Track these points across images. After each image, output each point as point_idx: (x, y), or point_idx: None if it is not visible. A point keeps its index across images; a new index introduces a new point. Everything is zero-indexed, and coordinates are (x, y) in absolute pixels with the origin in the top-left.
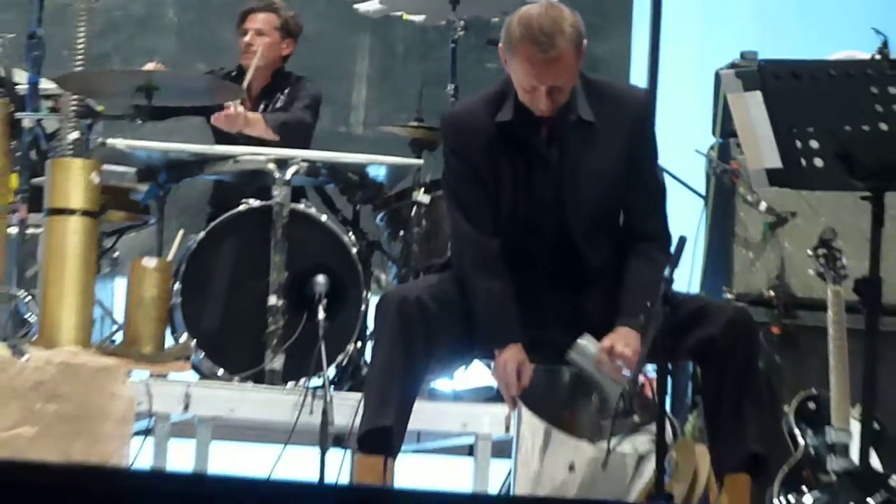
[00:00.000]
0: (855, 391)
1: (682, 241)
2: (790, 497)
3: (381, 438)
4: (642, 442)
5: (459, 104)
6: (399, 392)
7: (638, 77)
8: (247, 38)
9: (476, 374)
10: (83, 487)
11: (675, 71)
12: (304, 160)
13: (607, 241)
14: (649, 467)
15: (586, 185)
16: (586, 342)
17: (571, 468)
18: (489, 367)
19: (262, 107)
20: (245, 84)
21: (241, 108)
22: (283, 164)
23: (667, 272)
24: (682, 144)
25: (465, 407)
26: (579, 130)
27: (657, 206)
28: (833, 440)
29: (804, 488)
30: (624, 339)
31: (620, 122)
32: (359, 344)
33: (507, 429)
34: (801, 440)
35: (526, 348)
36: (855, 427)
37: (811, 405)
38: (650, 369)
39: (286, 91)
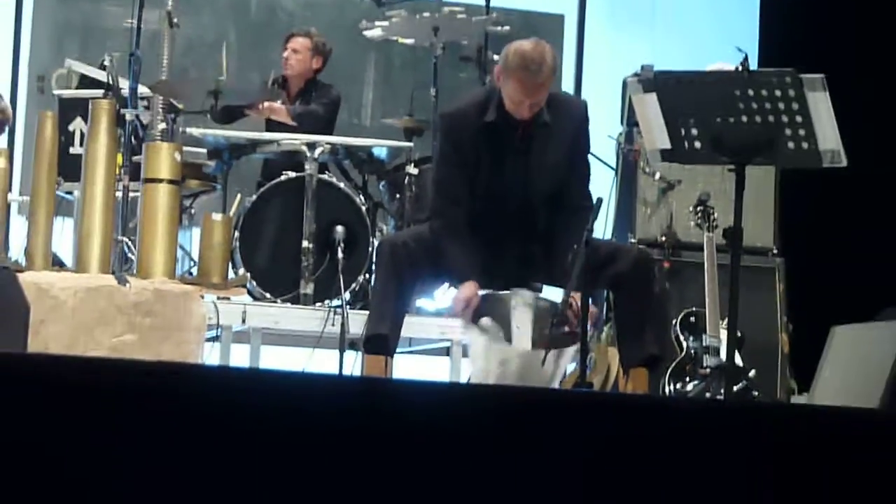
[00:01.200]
0: (723, 308)
1: (599, 201)
2: (677, 385)
3: (379, 342)
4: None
5: (453, 105)
6: (392, 308)
7: (567, 82)
8: (286, 55)
9: (450, 295)
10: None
11: (593, 78)
12: (327, 144)
13: (553, 209)
14: (564, 360)
15: (545, 170)
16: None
17: (503, 364)
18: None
19: (297, 104)
20: (269, 83)
21: (270, 103)
22: (312, 146)
23: (588, 224)
24: (599, 131)
25: (443, 320)
26: (542, 130)
27: (586, 182)
28: (707, 344)
29: (687, 379)
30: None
31: (568, 124)
32: (367, 275)
33: None
34: (684, 344)
35: (488, 277)
36: (723, 334)
37: (692, 318)
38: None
39: (314, 93)
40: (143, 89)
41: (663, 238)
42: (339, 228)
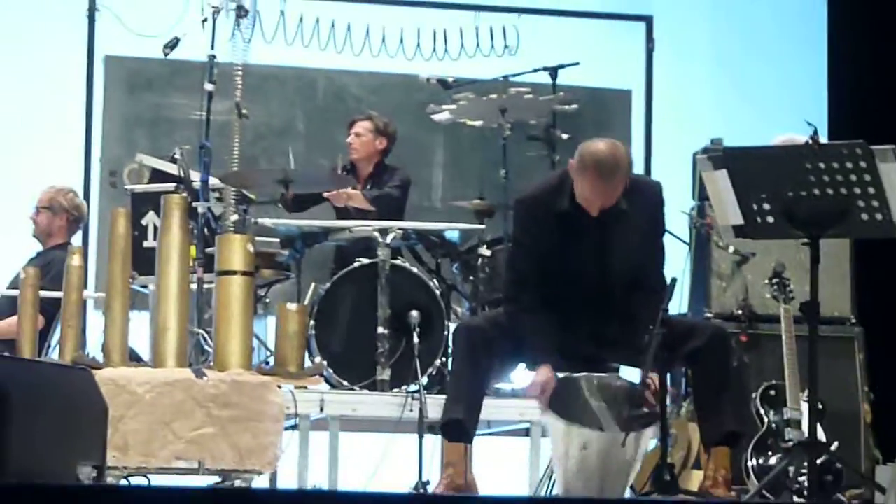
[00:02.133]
0: (803, 380)
1: (674, 281)
2: (759, 460)
3: (457, 428)
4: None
5: (528, 190)
6: (469, 393)
7: (637, 158)
8: (350, 140)
9: (529, 377)
10: None
11: (662, 152)
12: (399, 229)
13: (629, 290)
14: (645, 441)
15: (622, 255)
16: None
17: (584, 447)
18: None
19: (368, 187)
20: (339, 169)
21: (346, 189)
22: (384, 232)
23: (663, 304)
24: (671, 206)
25: (522, 401)
26: (617, 216)
27: (662, 263)
28: (788, 417)
29: (769, 453)
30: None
31: (644, 209)
32: (444, 359)
33: None
34: (765, 417)
35: (565, 359)
36: (804, 407)
37: (772, 392)
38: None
39: (384, 176)
40: (213, 180)
41: (739, 311)
42: (414, 313)
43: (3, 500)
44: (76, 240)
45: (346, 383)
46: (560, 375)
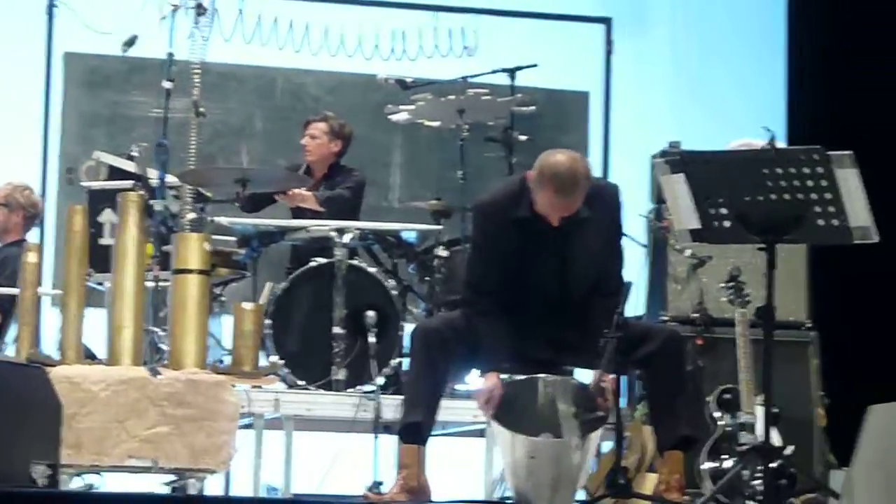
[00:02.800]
0: (757, 384)
1: (629, 285)
2: (714, 463)
3: (413, 430)
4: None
5: (487, 197)
6: (427, 396)
7: (594, 160)
8: (304, 141)
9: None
10: None
11: (620, 154)
12: (356, 229)
13: (587, 294)
14: (591, 444)
15: (583, 261)
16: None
17: (532, 456)
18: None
19: (321, 189)
20: (300, 170)
21: (297, 190)
22: (341, 231)
23: (619, 307)
24: (628, 209)
25: (476, 403)
26: (578, 225)
27: (620, 265)
28: (743, 420)
29: (724, 457)
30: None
31: (604, 214)
32: (399, 360)
33: None
34: (720, 421)
35: (521, 363)
36: (759, 411)
37: (726, 395)
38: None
39: (338, 178)
40: (171, 178)
41: (695, 315)
42: (370, 313)
43: None
44: (32, 237)
45: (301, 383)
46: (512, 378)
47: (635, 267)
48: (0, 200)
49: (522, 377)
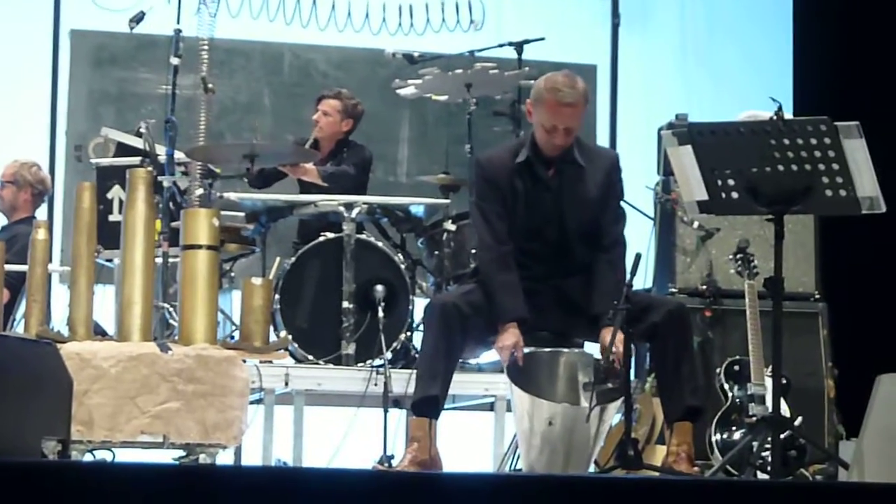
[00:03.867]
0: (766, 355)
1: (638, 257)
2: (724, 434)
3: (428, 404)
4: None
5: (489, 151)
6: (442, 370)
7: (602, 134)
8: (316, 117)
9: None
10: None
11: (627, 127)
12: (364, 203)
13: (588, 246)
14: (609, 415)
15: (577, 205)
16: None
17: (550, 422)
18: None
19: (328, 165)
20: (307, 145)
21: (304, 165)
22: (349, 206)
23: (627, 279)
24: (636, 181)
25: (486, 376)
26: (574, 170)
27: (619, 223)
28: (752, 392)
29: (733, 428)
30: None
31: (599, 168)
32: (408, 334)
33: None
34: (729, 393)
35: (531, 333)
36: (768, 382)
37: (736, 367)
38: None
39: (345, 154)
40: (179, 155)
41: (704, 286)
42: (379, 287)
43: None
44: (41, 213)
45: (310, 358)
46: (526, 350)
47: (643, 239)
48: (8, 178)
49: (535, 349)
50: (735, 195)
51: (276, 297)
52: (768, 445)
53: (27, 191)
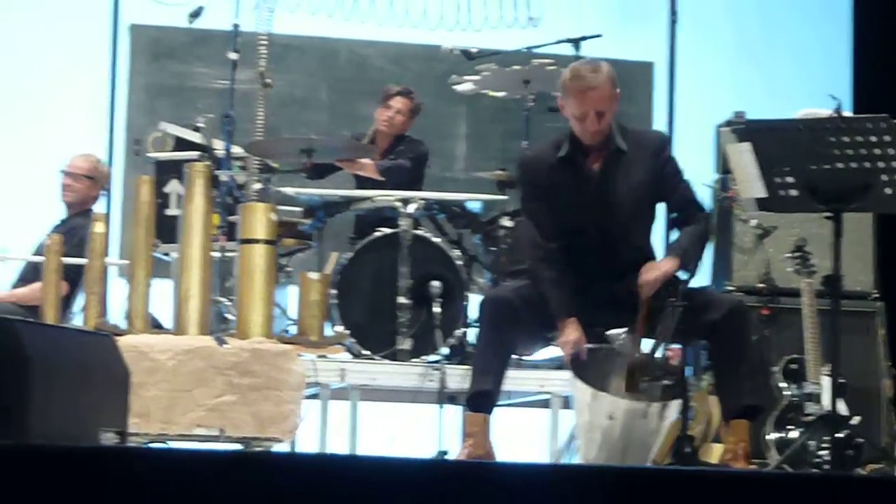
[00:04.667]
0: (823, 354)
1: None
2: (780, 433)
3: (483, 399)
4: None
5: (532, 149)
6: (495, 365)
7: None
8: (388, 114)
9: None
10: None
11: (685, 125)
12: (421, 199)
13: (640, 239)
14: (670, 412)
15: (624, 193)
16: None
17: (611, 417)
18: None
19: (387, 158)
20: (366, 140)
21: (361, 159)
22: (406, 202)
23: (685, 276)
24: (694, 179)
25: (542, 373)
26: (616, 157)
27: (691, 193)
28: (809, 391)
29: (790, 427)
30: (657, 265)
31: (645, 151)
32: (464, 330)
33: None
34: (786, 391)
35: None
36: (825, 381)
37: (793, 365)
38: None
39: (402, 148)
40: (236, 149)
41: (761, 284)
42: (435, 283)
43: (28, 461)
44: (98, 207)
45: (366, 353)
46: (588, 347)
47: None
48: (87, 172)
49: (602, 345)
50: (793, 192)
51: (333, 291)
52: (825, 444)
53: (98, 187)
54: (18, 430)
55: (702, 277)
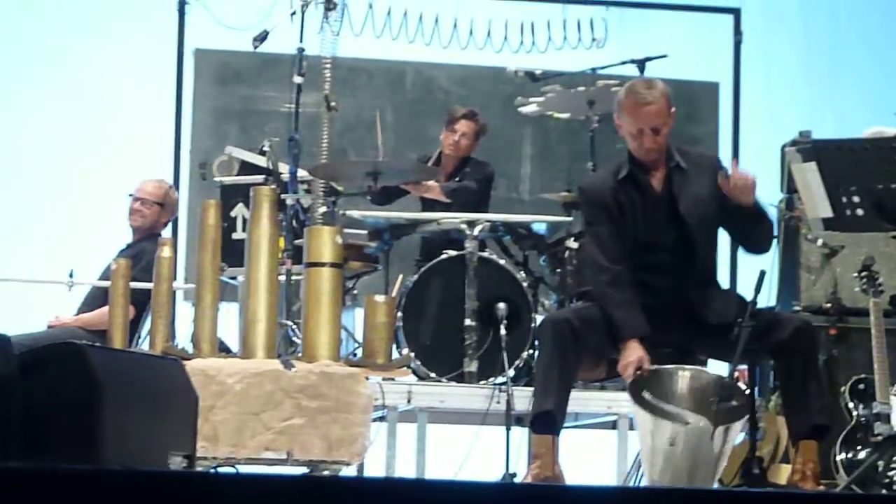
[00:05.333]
0: (892, 374)
1: (762, 274)
2: (849, 454)
3: (546, 421)
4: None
5: (590, 175)
6: (556, 385)
7: (725, 151)
8: (454, 138)
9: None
10: None
11: (750, 145)
12: (486, 221)
13: (708, 254)
14: (733, 433)
15: (692, 205)
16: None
17: (672, 443)
18: None
19: (453, 180)
20: (431, 161)
21: (427, 182)
22: (471, 224)
23: (751, 297)
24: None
25: (609, 394)
26: (677, 173)
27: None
28: (878, 411)
29: (858, 447)
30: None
31: (703, 169)
32: (531, 351)
33: None
34: (854, 411)
35: (650, 348)
36: (893, 401)
37: (861, 385)
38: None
39: (468, 170)
40: (302, 172)
41: (828, 304)
42: (502, 305)
43: (98, 485)
44: (165, 231)
45: (433, 375)
46: (650, 367)
47: (767, 257)
48: (157, 198)
49: (658, 367)
50: (860, 212)
51: (399, 314)
52: (894, 464)
53: (168, 214)
54: (89, 455)
55: (769, 297)
